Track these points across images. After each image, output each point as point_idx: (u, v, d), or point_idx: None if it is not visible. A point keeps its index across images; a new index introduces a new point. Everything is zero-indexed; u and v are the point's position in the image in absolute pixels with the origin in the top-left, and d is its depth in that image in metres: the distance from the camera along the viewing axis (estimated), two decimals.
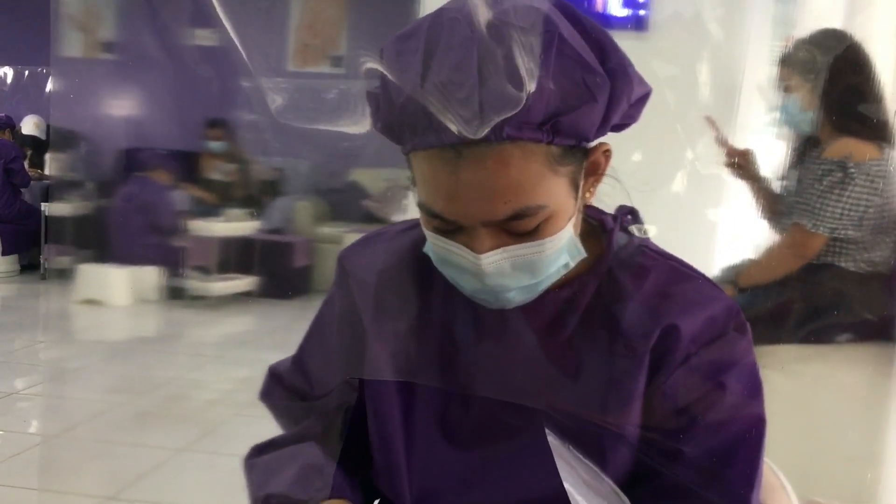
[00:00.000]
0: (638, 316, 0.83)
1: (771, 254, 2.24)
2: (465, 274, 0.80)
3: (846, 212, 2.02)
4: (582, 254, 0.84)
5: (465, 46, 0.72)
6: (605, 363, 0.83)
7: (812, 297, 2.10)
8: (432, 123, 0.73)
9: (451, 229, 0.79)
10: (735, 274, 2.22)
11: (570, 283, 0.85)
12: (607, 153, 0.83)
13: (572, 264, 0.83)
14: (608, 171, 0.85)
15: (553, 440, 0.81)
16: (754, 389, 0.84)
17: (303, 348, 1.02)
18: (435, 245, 0.82)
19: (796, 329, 2.07)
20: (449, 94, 0.71)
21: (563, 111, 0.74)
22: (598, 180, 0.85)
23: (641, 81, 0.80)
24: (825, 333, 2.08)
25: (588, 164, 0.81)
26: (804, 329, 2.07)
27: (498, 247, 0.77)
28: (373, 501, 0.95)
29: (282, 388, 1.02)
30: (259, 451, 0.99)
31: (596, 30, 0.78)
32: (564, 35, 0.74)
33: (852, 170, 2.00)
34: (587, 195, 0.84)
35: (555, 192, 0.77)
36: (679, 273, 0.87)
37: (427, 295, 0.90)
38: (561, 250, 0.80)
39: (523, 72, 0.71)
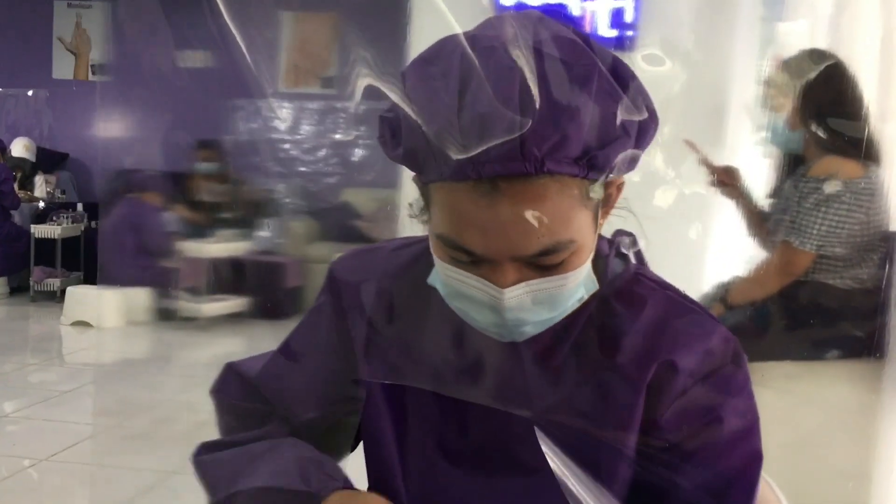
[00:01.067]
0: (634, 350, 0.82)
1: (759, 271, 2.26)
2: (483, 308, 0.78)
3: (832, 229, 2.04)
4: (595, 286, 0.83)
5: (507, 78, 0.69)
6: (598, 395, 0.82)
7: (800, 314, 2.12)
8: (470, 155, 0.70)
9: (471, 262, 0.76)
10: (724, 291, 2.23)
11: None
12: (620, 185, 0.82)
13: (586, 297, 0.82)
14: (620, 202, 0.84)
15: (557, 464, 0.79)
16: (751, 424, 0.84)
17: (282, 353, 0.98)
18: (448, 277, 0.79)
19: (785, 346, 2.08)
20: (489, 127, 0.69)
21: (598, 146, 0.72)
22: (608, 212, 0.83)
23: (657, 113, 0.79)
24: (813, 350, 2.10)
25: (605, 197, 0.80)
26: (793, 346, 2.09)
27: (521, 281, 0.75)
28: None
29: (242, 388, 0.97)
30: (210, 448, 0.94)
31: (618, 60, 0.77)
32: (602, 68, 0.73)
33: (838, 188, 2.02)
34: (599, 223, 0.82)
35: (583, 225, 0.76)
36: (675, 304, 0.86)
37: (422, 314, 0.88)
38: (580, 284, 0.80)
39: (565, 106, 0.70)
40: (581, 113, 0.70)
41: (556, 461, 0.80)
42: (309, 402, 0.93)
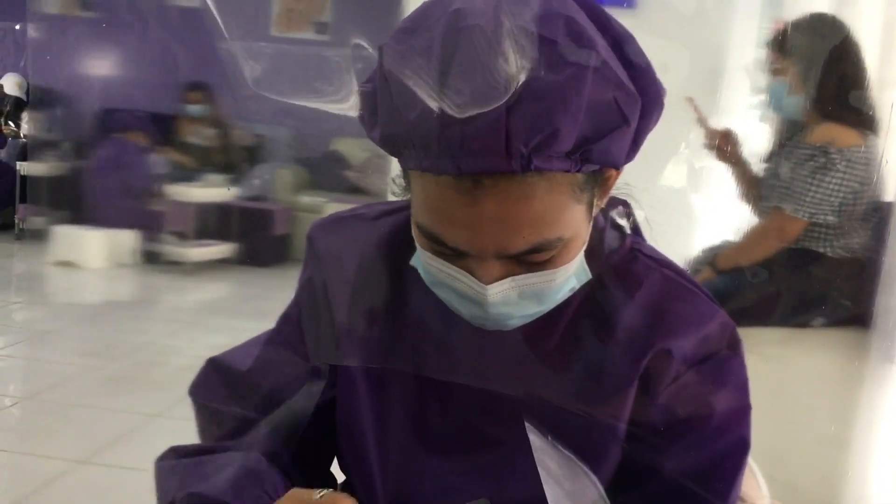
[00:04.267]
0: (629, 335, 0.79)
1: (750, 237, 2.25)
2: (465, 300, 0.74)
3: (826, 197, 2.03)
4: (589, 276, 0.79)
5: (492, 65, 0.61)
6: (590, 380, 0.80)
7: (789, 282, 2.12)
8: (450, 148, 0.63)
9: (453, 254, 0.71)
10: (714, 256, 2.23)
11: None
12: (617, 174, 0.76)
13: (578, 287, 0.78)
14: (622, 187, 0.80)
15: (537, 443, 0.78)
16: (742, 412, 0.82)
17: (273, 340, 0.91)
18: (430, 266, 0.74)
19: (772, 312, 2.09)
20: (471, 118, 0.62)
21: (594, 137, 0.65)
22: (605, 194, 0.77)
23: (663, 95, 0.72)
24: (801, 317, 2.10)
25: (602, 182, 0.74)
26: (780, 312, 2.09)
27: (506, 276, 0.71)
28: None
29: (224, 385, 0.90)
30: (176, 453, 0.88)
31: (626, 36, 0.69)
32: (602, 52, 0.65)
33: (834, 156, 2.01)
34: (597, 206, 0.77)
35: (574, 220, 0.70)
36: (673, 286, 0.82)
37: (403, 293, 0.84)
38: (570, 277, 0.75)
39: (557, 95, 0.62)
40: (575, 103, 0.63)
41: (540, 443, 0.78)
42: (302, 387, 0.88)
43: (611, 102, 0.65)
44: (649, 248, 0.86)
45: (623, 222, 0.86)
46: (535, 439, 0.79)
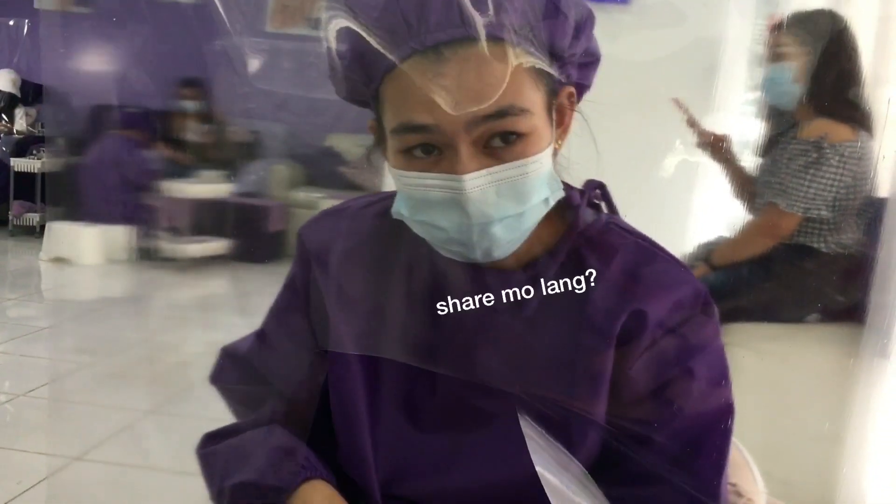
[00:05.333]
0: (604, 299, 0.81)
1: (745, 233, 2.26)
2: (448, 209, 0.77)
3: (820, 192, 2.03)
4: (560, 190, 0.82)
5: None
6: (569, 345, 0.82)
7: (782, 277, 2.12)
8: (410, 29, 0.72)
9: (429, 157, 0.76)
10: (708, 252, 2.23)
11: (534, 261, 0.84)
12: (571, 97, 0.83)
13: (552, 201, 0.81)
14: (577, 108, 0.85)
15: (523, 422, 0.80)
16: (722, 374, 0.83)
17: (267, 328, 0.97)
18: (408, 187, 0.79)
19: (766, 308, 2.09)
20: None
21: (536, 24, 0.75)
22: (564, 132, 0.84)
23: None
24: (794, 313, 2.11)
25: (556, 105, 0.81)
26: (774, 308, 2.10)
27: (481, 168, 0.75)
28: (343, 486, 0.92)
29: (237, 369, 0.97)
30: (212, 438, 0.94)
31: None
32: None
33: (827, 151, 2.02)
34: (557, 144, 0.82)
35: (535, 102, 0.76)
36: (646, 252, 0.85)
37: (390, 273, 0.87)
38: (542, 178, 0.78)
39: None
40: None
41: (526, 416, 0.80)
42: (301, 377, 0.92)
43: None
44: (624, 222, 0.89)
45: (599, 202, 0.89)
46: (520, 409, 0.80)
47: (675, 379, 0.81)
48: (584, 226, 0.86)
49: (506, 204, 0.77)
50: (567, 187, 0.87)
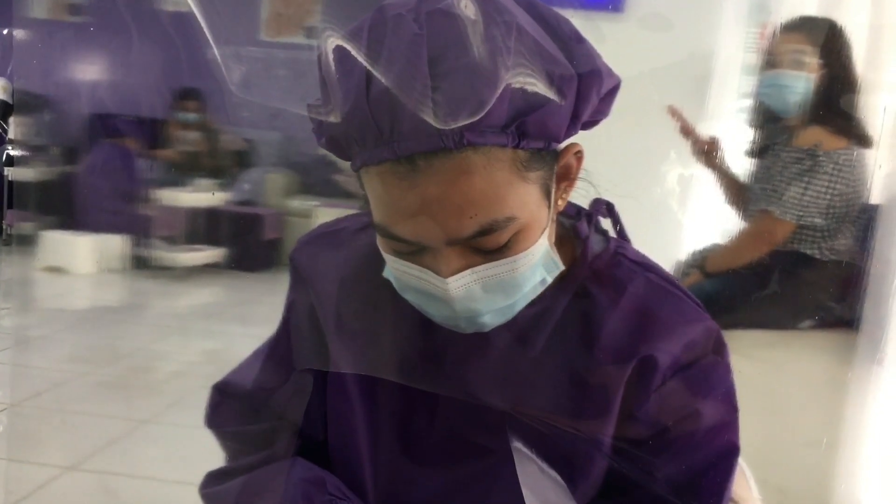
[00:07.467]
0: (613, 343, 0.78)
1: (738, 240, 2.26)
2: (433, 300, 0.73)
3: (814, 200, 2.04)
4: (559, 267, 0.78)
5: (413, 46, 0.64)
6: (576, 384, 0.79)
7: (776, 284, 2.13)
8: (382, 135, 0.66)
9: (412, 251, 0.71)
10: (702, 259, 2.24)
11: (540, 297, 0.79)
12: (579, 154, 0.76)
13: (549, 280, 0.77)
14: (582, 174, 0.78)
15: (521, 457, 0.78)
16: (729, 416, 0.81)
17: (269, 363, 0.93)
18: (395, 270, 0.75)
19: (760, 315, 2.09)
20: (397, 102, 0.64)
21: (528, 111, 0.66)
22: (571, 185, 0.78)
23: (610, 73, 0.73)
24: (788, 320, 2.11)
25: (559, 168, 0.74)
26: (768, 315, 2.10)
27: (466, 267, 0.70)
28: None
29: (235, 409, 0.92)
30: (216, 478, 0.90)
31: (557, 18, 0.71)
32: (523, 24, 0.66)
33: (822, 158, 2.02)
34: (560, 202, 0.77)
35: (525, 201, 0.69)
36: (657, 290, 0.81)
37: (388, 303, 0.83)
38: (536, 266, 0.74)
39: (481, 70, 0.63)
40: (497, 75, 0.64)
41: (525, 452, 0.78)
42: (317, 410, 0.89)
43: (542, 76, 0.66)
44: (634, 251, 0.86)
45: (607, 226, 0.86)
46: (518, 450, 0.78)
47: (682, 419, 0.80)
48: (592, 257, 0.82)
49: (494, 298, 0.73)
50: (573, 208, 0.85)
